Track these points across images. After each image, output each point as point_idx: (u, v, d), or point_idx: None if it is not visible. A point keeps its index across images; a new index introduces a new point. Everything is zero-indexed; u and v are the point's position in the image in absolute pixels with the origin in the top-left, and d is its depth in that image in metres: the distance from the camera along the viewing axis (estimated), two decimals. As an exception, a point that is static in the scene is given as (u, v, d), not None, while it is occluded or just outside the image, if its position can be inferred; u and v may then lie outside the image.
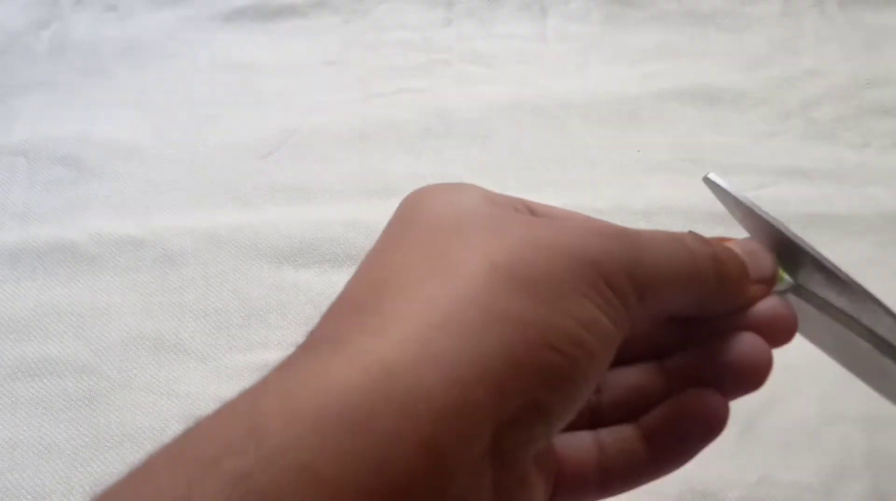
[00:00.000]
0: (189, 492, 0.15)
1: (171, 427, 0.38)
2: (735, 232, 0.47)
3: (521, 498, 0.19)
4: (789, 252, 0.25)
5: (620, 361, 0.21)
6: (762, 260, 0.25)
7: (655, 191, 0.49)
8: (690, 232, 0.25)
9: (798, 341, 0.25)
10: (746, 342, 0.23)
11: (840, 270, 0.25)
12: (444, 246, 0.20)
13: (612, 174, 0.50)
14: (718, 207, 0.48)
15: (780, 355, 0.24)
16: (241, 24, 0.61)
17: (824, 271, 0.25)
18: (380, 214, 0.49)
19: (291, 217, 0.47)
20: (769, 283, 0.25)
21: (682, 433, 0.23)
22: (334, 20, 0.61)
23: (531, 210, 0.25)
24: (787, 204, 0.48)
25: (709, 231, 0.47)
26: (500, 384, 0.17)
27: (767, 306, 0.24)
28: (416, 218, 0.23)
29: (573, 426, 0.22)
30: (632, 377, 0.24)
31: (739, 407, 0.23)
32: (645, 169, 0.50)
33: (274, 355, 0.20)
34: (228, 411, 0.17)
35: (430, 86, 0.56)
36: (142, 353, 0.41)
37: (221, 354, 0.41)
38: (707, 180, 0.29)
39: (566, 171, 0.50)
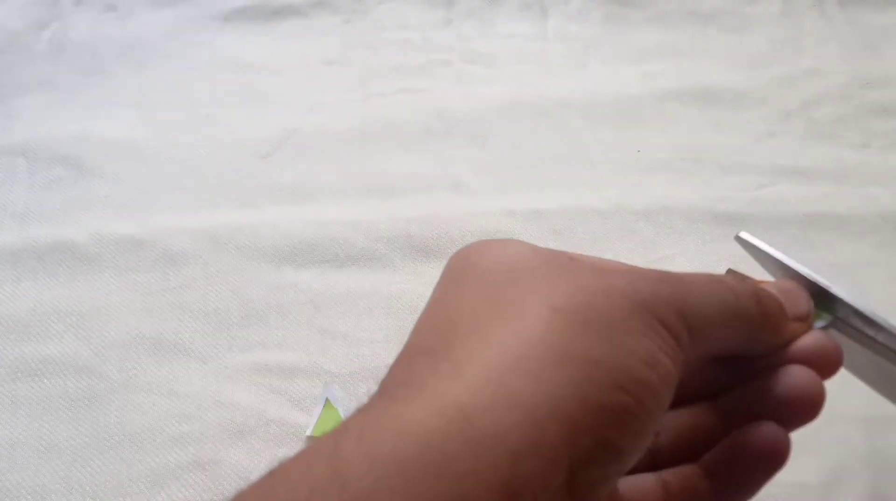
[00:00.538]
0: None
1: (171, 427, 0.38)
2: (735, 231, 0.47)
3: None
4: (826, 297, 0.26)
5: (674, 403, 0.21)
6: (798, 298, 0.26)
7: (655, 191, 0.49)
8: (729, 271, 0.27)
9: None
10: (798, 375, 0.24)
11: (875, 314, 0.25)
12: (504, 293, 0.21)
13: (612, 174, 0.50)
14: (718, 206, 0.48)
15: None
16: (241, 24, 0.61)
17: (860, 315, 0.25)
18: (380, 214, 0.49)
19: (291, 217, 0.47)
20: (806, 320, 0.25)
21: (745, 468, 0.23)
22: (334, 20, 0.61)
23: (573, 261, 0.25)
24: (787, 204, 0.48)
25: (709, 231, 0.48)
26: (573, 423, 0.18)
27: (811, 340, 0.25)
28: (471, 269, 0.23)
29: (635, 469, 0.22)
30: (687, 417, 0.25)
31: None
32: (645, 169, 0.50)
33: (274, 355, 0.20)
34: (312, 454, 0.18)
35: (430, 86, 0.56)
36: (142, 353, 0.41)
37: (221, 354, 0.41)
38: (739, 239, 0.30)
39: (566, 171, 0.50)
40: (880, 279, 0.44)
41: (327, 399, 0.39)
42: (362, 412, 0.19)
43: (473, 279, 0.22)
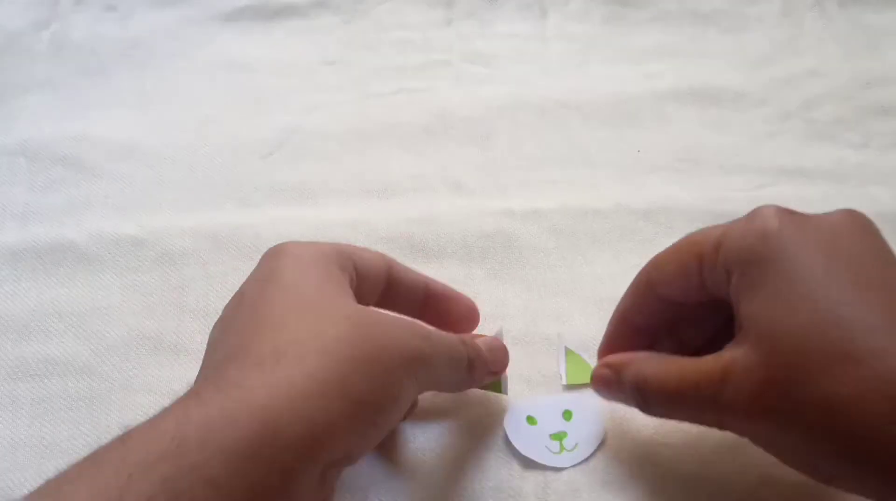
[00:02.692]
0: (128, 484, 0.23)
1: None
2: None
3: None
4: None
5: None
6: (498, 357, 0.37)
7: (655, 191, 0.49)
8: (460, 337, 0.35)
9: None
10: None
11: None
12: (324, 332, 0.29)
13: (612, 174, 0.50)
14: (718, 206, 0.48)
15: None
16: (241, 24, 0.61)
17: None
18: (380, 214, 0.49)
19: (291, 217, 0.47)
20: (500, 373, 0.38)
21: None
22: (334, 20, 0.61)
23: (354, 264, 0.34)
24: (787, 204, 0.47)
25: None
26: (337, 441, 0.27)
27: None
28: (291, 288, 0.31)
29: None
30: None
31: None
32: (645, 169, 0.50)
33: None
34: (159, 428, 0.25)
35: (430, 86, 0.56)
36: (142, 353, 0.41)
37: (221, 354, 0.41)
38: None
39: (566, 171, 0.50)
40: (880, 279, 0.44)
41: (566, 348, 0.41)
42: (199, 398, 0.26)
43: (296, 302, 0.30)
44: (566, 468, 0.36)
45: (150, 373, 0.40)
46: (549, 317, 0.43)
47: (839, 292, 0.27)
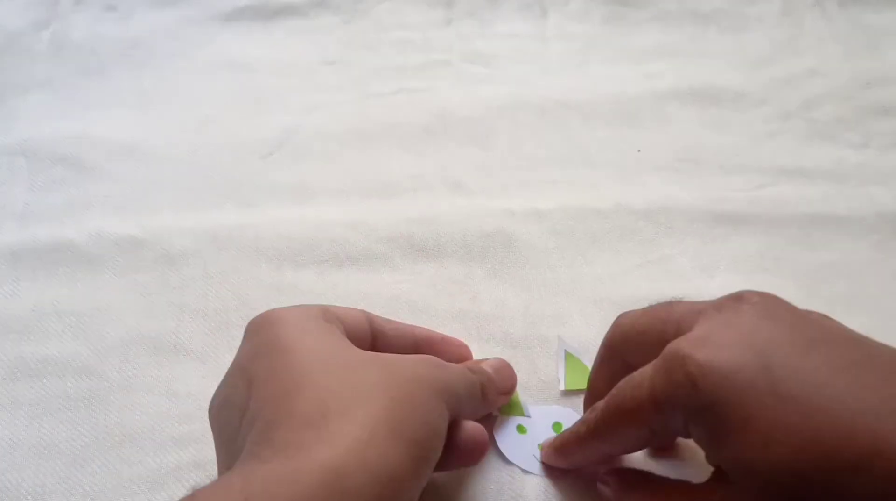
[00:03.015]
0: None
1: (171, 428, 0.38)
2: (739, 233, 0.47)
3: None
4: None
5: None
6: (505, 377, 0.37)
7: (655, 191, 0.49)
8: (466, 365, 0.36)
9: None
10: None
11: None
12: (357, 379, 0.29)
13: (612, 174, 0.50)
14: (718, 206, 0.48)
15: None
16: (241, 24, 0.61)
17: None
18: (380, 214, 0.49)
19: (291, 217, 0.47)
20: (509, 393, 0.38)
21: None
22: (334, 20, 0.61)
23: (371, 324, 0.36)
24: (787, 204, 0.48)
25: (709, 231, 0.48)
26: (400, 485, 0.27)
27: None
28: (303, 361, 0.31)
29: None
30: None
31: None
32: (645, 169, 0.50)
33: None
34: (226, 485, 0.25)
35: (430, 86, 0.56)
36: (142, 353, 0.41)
37: (221, 354, 0.41)
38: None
39: (566, 171, 0.50)
40: (880, 279, 0.44)
41: (566, 351, 0.41)
42: (261, 461, 0.26)
43: (332, 362, 0.30)
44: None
45: (150, 373, 0.40)
46: (549, 317, 0.43)
47: (802, 395, 0.25)
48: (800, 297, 0.31)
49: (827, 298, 0.43)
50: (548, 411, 0.38)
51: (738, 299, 0.29)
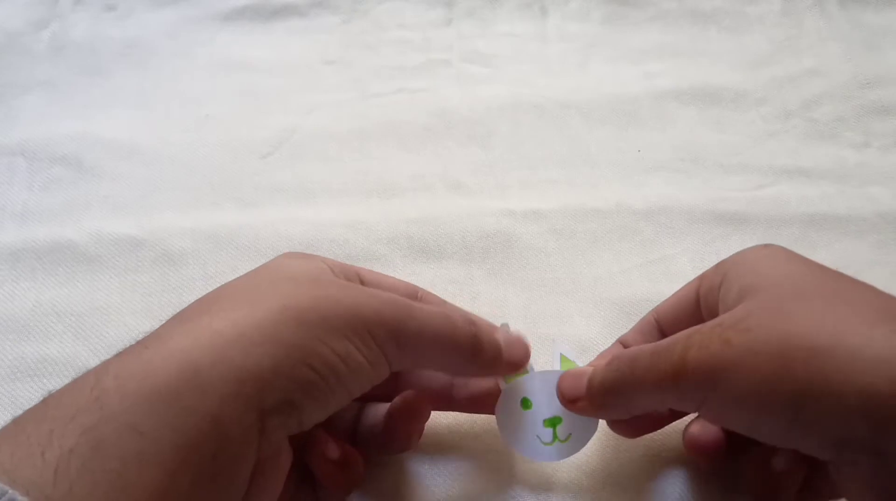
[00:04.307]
0: (50, 438, 0.23)
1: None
2: (739, 233, 0.47)
3: (273, 462, 0.28)
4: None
5: None
6: (516, 348, 0.34)
7: (655, 191, 0.49)
8: (466, 316, 0.33)
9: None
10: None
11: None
12: (262, 287, 0.29)
13: (612, 174, 0.50)
14: (718, 206, 0.48)
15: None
16: (241, 24, 0.61)
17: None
18: (380, 214, 0.49)
19: (291, 217, 0.47)
20: (520, 365, 0.35)
21: None
22: (334, 20, 0.61)
23: (361, 278, 0.34)
24: (787, 204, 0.48)
25: (709, 231, 0.48)
26: (265, 383, 0.26)
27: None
28: (261, 270, 0.32)
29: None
30: None
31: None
32: (645, 169, 0.50)
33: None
34: (79, 386, 0.25)
35: (430, 86, 0.56)
36: (141, 353, 0.41)
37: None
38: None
39: (566, 171, 0.50)
40: (880, 279, 0.44)
41: (561, 354, 0.39)
42: (122, 355, 0.27)
43: (255, 277, 0.31)
44: (553, 461, 0.36)
45: (150, 373, 0.40)
46: (549, 317, 0.43)
47: (825, 274, 0.30)
48: (800, 297, 0.31)
49: (827, 298, 0.43)
50: (554, 376, 0.35)
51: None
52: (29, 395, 0.39)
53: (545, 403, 0.35)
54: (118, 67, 0.57)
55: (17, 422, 0.24)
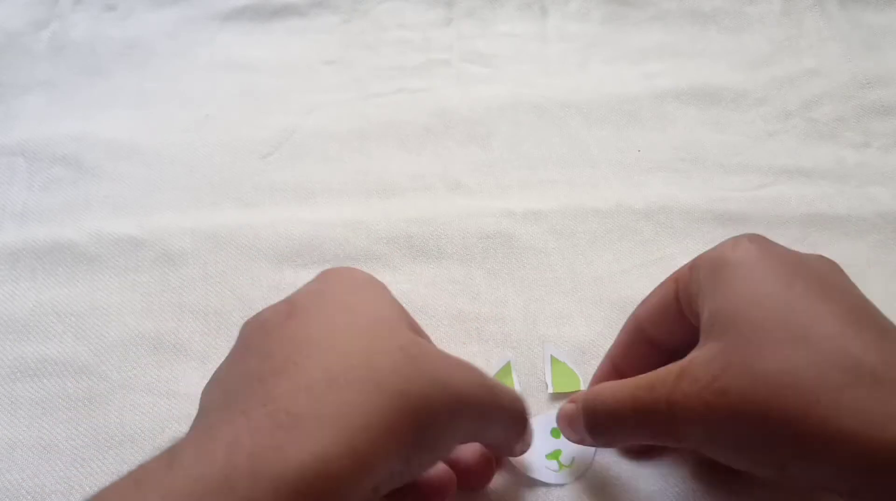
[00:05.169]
0: None
1: (171, 428, 0.38)
2: (739, 233, 0.47)
3: None
4: None
5: None
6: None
7: (655, 191, 0.49)
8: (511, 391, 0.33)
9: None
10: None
11: None
12: (364, 348, 0.28)
13: (612, 174, 0.50)
14: (718, 206, 0.48)
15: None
16: (241, 24, 0.61)
17: None
18: (380, 214, 0.49)
19: (291, 217, 0.47)
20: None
21: None
22: (334, 20, 0.61)
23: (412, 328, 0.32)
24: (787, 204, 0.48)
25: (709, 231, 0.48)
26: (376, 473, 0.25)
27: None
28: (334, 302, 0.31)
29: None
30: None
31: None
32: (645, 169, 0.50)
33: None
34: (209, 451, 0.24)
35: (430, 86, 0.56)
36: (141, 353, 0.41)
37: (221, 354, 0.41)
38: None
39: (566, 171, 0.50)
40: (880, 279, 0.44)
41: (552, 356, 0.40)
42: (246, 416, 0.25)
43: (328, 309, 0.30)
44: (568, 483, 0.36)
45: (150, 373, 0.40)
46: (549, 317, 0.43)
47: (801, 293, 0.29)
48: (800, 297, 0.31)
49: (827, 298, 0.43)
50: (542, 420, 0.37)
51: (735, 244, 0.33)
52: (29, 395, 0.39)
53: (540, 441, 0.36)
54: (118, 67, 0.57)
55: (139, 483, 0.24)
